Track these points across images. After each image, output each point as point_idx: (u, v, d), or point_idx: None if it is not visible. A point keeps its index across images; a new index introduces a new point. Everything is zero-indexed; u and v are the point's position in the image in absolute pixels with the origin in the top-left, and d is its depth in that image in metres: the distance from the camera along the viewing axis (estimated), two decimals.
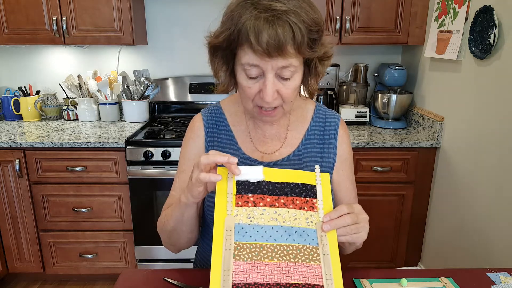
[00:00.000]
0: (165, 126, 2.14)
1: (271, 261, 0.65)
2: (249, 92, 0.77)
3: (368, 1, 2.06)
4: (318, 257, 0.67)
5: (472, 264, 1.68)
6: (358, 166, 1.97)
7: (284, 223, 0.69)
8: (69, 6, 2.05)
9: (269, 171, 0.73)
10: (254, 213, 0.69)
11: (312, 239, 0.68)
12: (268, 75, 0.73)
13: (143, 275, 0.90)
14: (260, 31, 0.68)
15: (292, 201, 0.71)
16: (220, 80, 0.83)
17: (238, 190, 0.71)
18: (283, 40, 0.68)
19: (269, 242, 0.67)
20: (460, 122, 1.78)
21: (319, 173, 0.75)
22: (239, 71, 0.77)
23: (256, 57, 0.71)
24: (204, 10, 2.39)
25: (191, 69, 2.52)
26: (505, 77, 1.47)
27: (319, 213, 0.71)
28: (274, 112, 0.80)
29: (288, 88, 0.76)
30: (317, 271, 0.66)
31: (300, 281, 0.64)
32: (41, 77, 2.52)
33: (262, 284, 0.63)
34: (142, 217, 2.01)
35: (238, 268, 0.64)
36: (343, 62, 2.45)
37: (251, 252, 0.66)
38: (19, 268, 2.15)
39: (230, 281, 0.63)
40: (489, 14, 1.52)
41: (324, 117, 0.95)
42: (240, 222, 0.68)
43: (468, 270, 0.92)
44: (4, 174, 1.98)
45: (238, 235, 0.67)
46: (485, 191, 1.60)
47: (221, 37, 0.74)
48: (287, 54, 0.70)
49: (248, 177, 0.72)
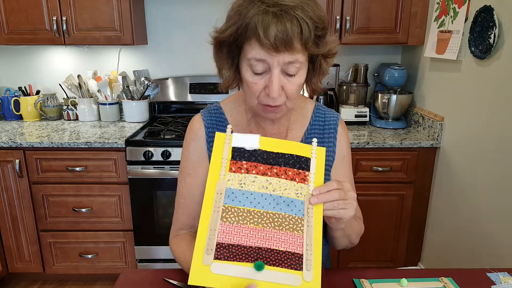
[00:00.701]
0: (165, 126, 2.14)
1: (256, 226, 0.68)
2: (254, 89, 0.77)
3: (368, 1, 2.06)
4: (302, 228, 0.69)
5: (472, 264, 1.68)
6: (358, 166, 1.97)
7: (273, 192, 0.71)
8: (69, 6, 2.05)
9: (265, 140, 0.74)
10: (246, 180, 0.71)
11: (298, 210, 0.70)
12: (274, 71, 0.74)
13: (143, 275, 0.90)
14: (268, 25, 0.69)
15: (285, 172, 0.73)
16: (224, 76, 0.83)
17: (233, 156, 0.73)
18: (291, 35, 0.69)
19: (257, 209, 0.70)
20: (460, 122, 1.78)
21: (316, 147, 0.76)
22: (245, 67, 0.77)
23: (263, 51, 0.72)
24: (204, 10, 2.39)
25: (191, 69, 2.52)
26: (505, 77, 1.47)
27: (309, 186, 0.72)
28: (278, 109, 0.80)
29: (293, 85, 0.77)
30: (299, 240, 0.68)
31: (281, 248, 0.67)
32: (41, 77, 2.52)
33: (245, 246, 0.67)
34: (142, 217, 2.01)
35: (224, 229, 0.67)
36: (343, 62, 2.45)
37: (238, 216, 0.69)
38: (19, 268, 2.15)
39: (215, 240, 0.66)
40: (489, 14, 1.52)
41: (323, 116, 0.95)
42: (231, 187, 0.71)
43: (468, 270, 0.92)
44: (4, 174, 1.98)
45: (227, 198, 0.70)
46: (485, 191, 1.60)
47: (227, 32, 0.75)
48: (294, 49, 0.71)
49: (244, 145, 0.74)
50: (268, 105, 0.79)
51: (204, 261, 0.65)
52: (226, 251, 0.66)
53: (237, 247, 0.66)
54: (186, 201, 0.92)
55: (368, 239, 2.05)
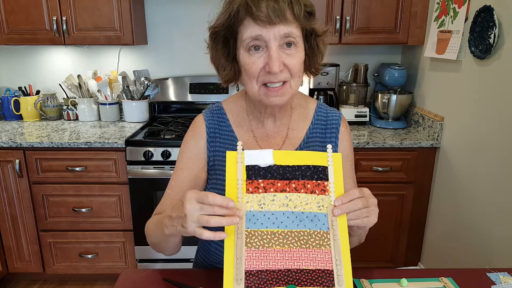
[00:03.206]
0: (165, 126, 2.14)
1: (282, 247, 0.67)
2: (253, 69, 0.77)
3: (368, 1, 2.06)
4: (329, 242, 0.68)
5: (472, 264, 1.68)
6: (358, 166, 1.97)
7: (295, 208, 0.69)
8: (69, 6, 2.05)
9: (279, 154, 0.72)
10: (265, 200, 0.69)
11: (323, 223, 0.69)
12: (272, 45, 0.74)
13: (143, 275, 0.90)
14: (259, 1, 0.72)
15: (304, 185, 0.71)
16: (223, 70, 0.83)
17: (248, 176, 0.71)
18: (282, 5, 0.73)
19: (280, 229, 0.68)
20: (460, 122, 1.78)
21: (331, 153, 0.74)
22: (242, 52, 0.78)
23: (257, 27, 0.73)
24: (204, 10, 2.37)
25: (191, 69, 2.52)
26: (505, 77, 1.47)
27: (330, 196, 0.71)
28: (282, 89, 0.79)
29: (293, 58, 0.77)
30: (327, 256, 0.67)
31: (311, 267, 0.66)
32: (41, 77, 2.52)
33: (274, 271, 0.65)
34: (142, 217, 2.01)
35: (250, 255, 0.66)
36: (343, 62, 2.45)
37: (262, 240, 0.67)
38: (19, 268, 2.15)
39: (243, 268, 0.65)
40: (489, 14, 1.52)
41: (325, 115, 0.95)
42: (251, 209, 0.69)
43: (468, 270, 0.92)
44: (4, 174, 1.98)
45: (249, 222, 0.68)
46: (485, 191, 1.60)
47: (220, 20, 0.78)
48: (287, 20, 0.74)
49: (258, 162, 0.71)
50: (271, 87, 0.78)
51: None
52: (256, 278, 0.64)
53: (266, 273, 0.65)
54: (172, 193, 0.92)
55: (368, 239, 2.04)
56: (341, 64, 2.38)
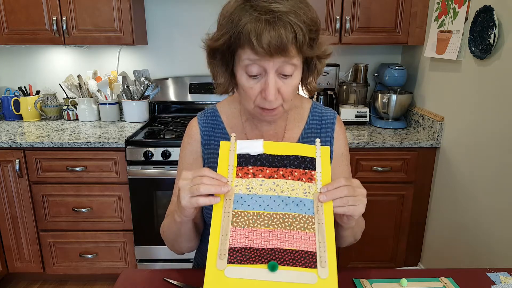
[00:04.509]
0: (165, 126, 2.14)
1: (267, 228, 0.69)
2: (251, 93, 0.77)
3: (368, 1, 2.06)
4: (313, 226, 0.69)
5: (472, 264, 1.68)
6: (358, 166, 1.97)
7: (281, 193, 0.71)
8: (69, 6, 2.05)
9: (269, 144, 0.75)
10: (253, 184, 0.72)
11: (308, 208, 0.70)
12: (270, 74, 0.74)
13: (143, 275, 0.90)
14: (261, 33, 0.68)
15: (291, 173, 0.73)
16: (219, 82, 0.83)
17: (239, 163, 0.74)
18: (285, 41, 0.68)
19: (266, 211, 0.70)
20: (460, 122, 1.78)
21: (319, 147, 0.76)
22: (240, 72, 0.77)
23: (257, 57, 0.71)
24: (204, 10, 2.39)
25: (191, 69, 2.52)
26: (505, 77, 1.47)
27: (317, 184, 0.72)
28: (275, 111, 0.80)
29: (288, 86, 0.76)
30: (311, 238, 0.68)
31: (294, 247, 0.67)
32: (41, 77, 2.52)
33: (258, 249, 0.67)
34: (142, 217, 2.01)
35: (236, 233, 0.68)
36: (343, 62, 2.45)
37: (248, 220, 0.69)
38: (19, 268, 2.15)
39: (227, 245, 0.67)
40: (489, 14, 1.52)
41: (320, 115, 0.95)
42: (239, 192, 0.71)
43: (468, 270, 0.92)
44: (4, 174, 1.98)
45: (237, 204, 0.70)
46: (485, 191, 1.60)
47: (220, 41, 0.74)
48: (289, 55, 0.71)
49: (248, 150, 0.74)
50: (265, 108, 0.79)
51: (218, 266, 0.66)
52: (239, 254, 0.66)
53: (250, 250, 0.67)
54: None
55: (368, 239, 2.05)
56: (341, 64, 2.39)
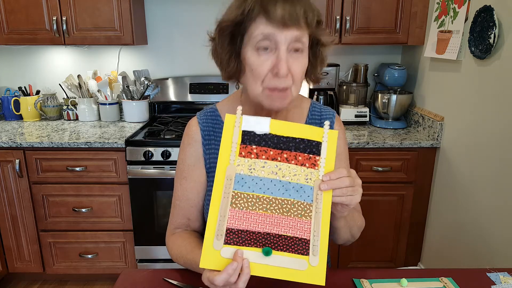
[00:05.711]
0: (165, 126, 2.14)
1: (265, 212, 0.70)
2: (260, 71, 0.76)
3: (368, 1, 2.06)
4: (310, 214, 0.70)
5: (472, 264, 1.68)
6: (358, 166, 1.97)
7: (283, 178, 0.72)
8: (69, 6, 2.05)
9: (276, 123, 0.73)
10: (255, 165, 0.72)
11: (307, 195, 0.71)
12: (282, 47, 0.75)
13: (143, 275, 0.90)
14: (276, 3, 0.73)
15: (295, 157, 0.73)
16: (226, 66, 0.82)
17: (243, 140, 0.73)
18: (298, 13, 0.73)
19: (266, 195, 0.71)
20: (460, 122, 1.78)
21: (328, 130, 0.74)
22: (250, 51, 0.77)
23: (271, 27, 0.73)
24: (204, 10, 2.39)
25: (191, 69, 2.52)
26: (505, 77, 1.47)
27: (319, 171, 0.72)
28: (285, 93, 0.79)
29: (299, 64, 0.77)
30: (307, 226, 0.70)
31: (289, 234, 0.69)
32: (41, 77, 2.52)
33: (254, 232, 0.69)
34: (142, 217, 2.01)
35: (234, 215, 0.69)
36: (343, 62, 2.45)
37: (247, 202, 0.70)
38: (19, 268, 2.15)
39: (225, 226, 0.68)
40: (489, 14, 1.52)
41: (319, 114, 0.96)
42: (241, 172, 0.71)
43: (468, 270, 0.92)
44: (4, 174, 1.98)
45: (237, 184, 0.71)
46: (485, 191, 1.60)
47: (233, 13, 0.76)
48: (300, 26, 0.74)
49: (254, 128, 0.73)
50: (275, 89, 0.77)
51: (214, 245, 0.67)
52: (236, 236, 0.68)
53: (246, 233, 0.68)
54: (181, 203, 0.93)
55: (368, 239, 2.05)
56: (341, 64, 2.38)
